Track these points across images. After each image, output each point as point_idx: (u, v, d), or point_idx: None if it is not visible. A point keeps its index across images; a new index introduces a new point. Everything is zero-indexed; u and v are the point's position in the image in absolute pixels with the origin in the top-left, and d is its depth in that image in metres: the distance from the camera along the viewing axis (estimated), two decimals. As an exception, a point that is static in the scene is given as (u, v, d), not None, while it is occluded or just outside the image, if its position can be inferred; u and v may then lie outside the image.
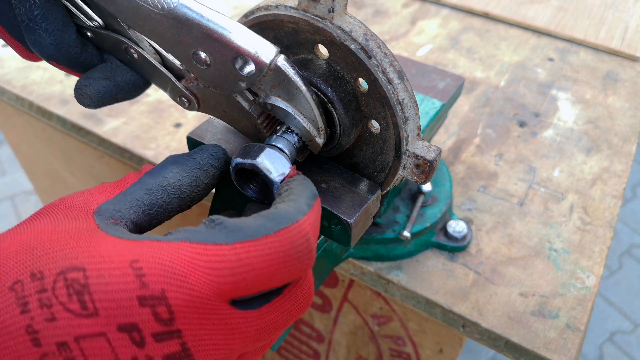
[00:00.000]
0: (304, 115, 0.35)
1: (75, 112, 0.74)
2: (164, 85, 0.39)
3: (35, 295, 0.21)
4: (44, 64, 0.82)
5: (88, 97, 0.37)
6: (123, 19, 0.35)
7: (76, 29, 0.37)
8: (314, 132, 0.35)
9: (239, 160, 0.34)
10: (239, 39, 0.32)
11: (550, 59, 0.87)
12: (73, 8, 0.37)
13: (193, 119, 0.73)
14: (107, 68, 0.39)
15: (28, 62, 0.83)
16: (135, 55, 0.38)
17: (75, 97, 0.38)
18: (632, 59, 0.87)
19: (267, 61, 0.32)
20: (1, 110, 0.92)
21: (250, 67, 0.32)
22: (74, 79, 0.79)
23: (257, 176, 0.35)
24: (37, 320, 0.21)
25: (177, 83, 0.38)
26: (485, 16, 0.97)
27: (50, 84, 0.79)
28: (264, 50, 0.32)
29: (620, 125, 0.75)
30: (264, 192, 0.36)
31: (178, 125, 0.72)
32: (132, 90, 0.39)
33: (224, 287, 0.23)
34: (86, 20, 0.38)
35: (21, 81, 0.79)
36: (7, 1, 0.33)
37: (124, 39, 0.37)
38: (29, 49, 0.37)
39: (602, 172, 0.67)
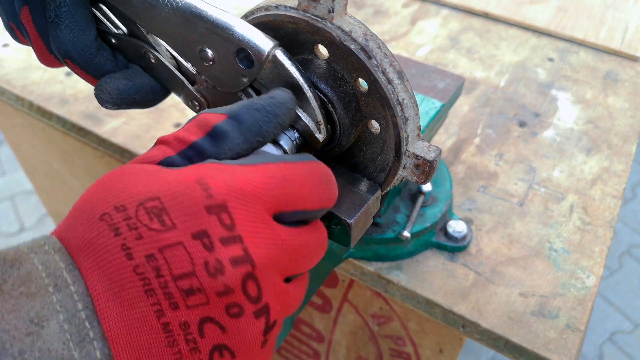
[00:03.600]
0: (303, 110, 0.35)
1: (75, 112, 0.74)
2: (178, 90, 0.41)
3: (123, 222, 0.25)
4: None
5: (107, 92, 0.40)
6: (138, 21, 0.38)
7: (97, 33, 0.41)
8: (313, 126, 0.35)
9: None
10: (239, 33, 0.33)
11: (550, 59, 0.87)
12: (101, 16, 0.41)
13: (193, 119, 0.73)
14: (128, 72, 0.42)
15: (28, 62, 0.83)
16: (153, 60, 0.41)
17: (95, 94, 0.41)
18: (632, 59, 0.87)
19: (265, 52, 0.33)
20: (1, 110, 0.92)
21: (250, 60, 0.34)
22: (74, 79, 0.79)
23: None
24: (128, 239, 0.25)
25: (190, 87, 0.40)
26: (485, 16, 0.97)
27: (50, 84, 0.79)
28: (263, 42, 0.33)
29: (620, 125, 0.75)
30: None
31: (178, 125, 0.72)
32: (149, 94, 0.42)
33: (270, 200, 0.27)
34: (112, 27, 0.41)
35: (21, 81, 0.79)
36: None
37: (143, 44, 0.40)
38: (50, 50, 0.41)
39: (602, 172, 0.67)
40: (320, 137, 0.36)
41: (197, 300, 0.25)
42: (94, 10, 0.41)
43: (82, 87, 0.78)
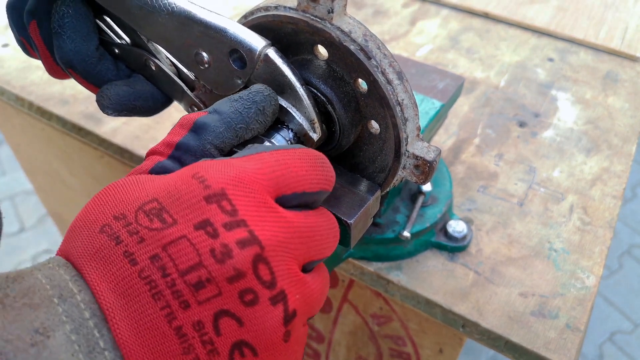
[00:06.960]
0: (297, 109, 0.35)
1: (75, 113, 0.74)
2: (179, 97, 0.42)
3: (123, 230, 0.25)
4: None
5: (107, 98, 0.41)
6: (138, 29, 0.38)
7: (100, 43, 0.42)
8: (307, 125, 0.35)
9: None
10: (232, 34, 0.34)
11: (550, 59, 0.87)
12: (105, 27, 0.42)
13: (193, 119, 0.73)
14: (130, 80, 0.43)
15: (28, 62, 0.83)
16: (154, 68, 0.41)
17: (96, 100, 0.42)
18: (632, 59, 0.87)
19: (257, 51, 0.34)
20: (1, 110, 0.92)
21: (243, 61, 0.35)
22: (74, 80, 0.79)
23: None
24: (130, 245, 0.24)
25: (190, 93, 0.41)
26: (485, 16, 0.97)
27: (50, 84, 0.79)
28: (255, 42, 0.34)
29: (620, 125, 0.75)
30: None
31: (178, 125, 0.72)
32: (150, 100, 0.43)
33: (268, 183, 0.27)
34: (116, 38, 0.43)
35: (21, 81, 0.79)
36: (49, 11, 0.40)
37: (144, 52, 0.41)
38: (56, 60, 0.42)
39: (602, 172, 0.67)
40: (315, 136, 0.36)
41: (208, 293, 0.23)
42: (98, 21, 0.42)
43: (82, 88, 0.78)
